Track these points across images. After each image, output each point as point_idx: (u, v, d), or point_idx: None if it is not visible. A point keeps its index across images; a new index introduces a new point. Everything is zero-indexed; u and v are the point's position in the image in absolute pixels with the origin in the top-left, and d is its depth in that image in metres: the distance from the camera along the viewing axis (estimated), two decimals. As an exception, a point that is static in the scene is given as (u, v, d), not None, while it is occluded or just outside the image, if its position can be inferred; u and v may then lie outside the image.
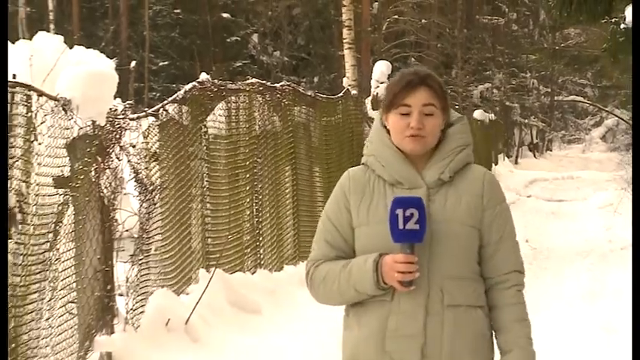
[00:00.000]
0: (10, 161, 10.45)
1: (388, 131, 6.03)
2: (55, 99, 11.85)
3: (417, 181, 5.94)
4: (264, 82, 21.52)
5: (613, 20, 23.12)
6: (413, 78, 6.00)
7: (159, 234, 15.08)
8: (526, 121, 70.06)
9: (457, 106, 50.32)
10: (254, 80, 20.87)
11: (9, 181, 10.42)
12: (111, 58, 13.53)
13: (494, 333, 6.01)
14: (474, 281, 5.93)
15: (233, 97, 18.53)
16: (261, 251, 19.34)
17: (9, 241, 10.46)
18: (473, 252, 5.93)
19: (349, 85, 32.60)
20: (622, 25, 22.72)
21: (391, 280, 5.75)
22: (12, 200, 10.51)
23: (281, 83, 23.19)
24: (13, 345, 10.49)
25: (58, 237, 11.77)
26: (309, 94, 24.83)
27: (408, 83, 5.97)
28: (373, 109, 27.55)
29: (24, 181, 10.85)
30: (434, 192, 5.93)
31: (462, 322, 5.85)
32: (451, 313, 5.83)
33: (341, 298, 6.00)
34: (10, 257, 10.52)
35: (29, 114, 10.98)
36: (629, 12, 22.42)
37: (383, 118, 6.07)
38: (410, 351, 5.81)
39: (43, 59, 12.97)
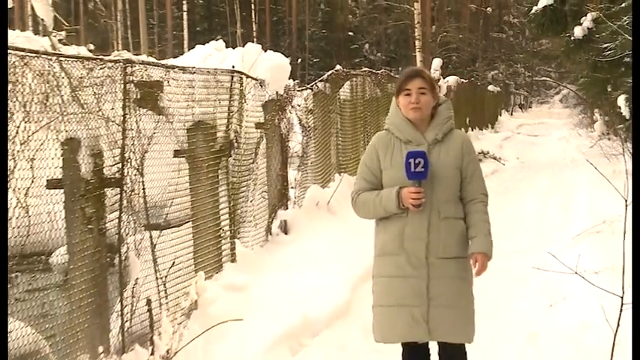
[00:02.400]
0: (228, 113, 10.43)
1: (399, 108, 5.91)
2: (255, 79, 11.87)
3: (421, 140, 5.81)
4: (371, 70, 21.49)
5: (567, 35, 22.66)
6: (411, 73, 5.94)
7: (312, 154, 15.10)
8: (517, 91, 69.74)
9: (479, 83, 49.91)
10: (365, 69, 20.86)
11: (228, 125, 10.40)
12: (287, 57, 13.49)
13: (466, 227, 5.87)
14: (457, 203, 5.81)
15: (354, 79, 18.42)
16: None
17: (229, 158, 10.46)
18: (457, 184, 5.80)
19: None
20: (572, 37, 22.29)
21: (407, 204, 5.65)
22: (232, 135, 10.49)
23: (380, 71, 23.07)
24: (232, 215, 10.50)
25: (257, 156, 11.77)
26: (396, 76, 24.74)
27: (409, 76, 5.88)
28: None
29: (239, 125, 10.83)
30: (432, 147, 5.79)
31: (451, 228, 5.74)
32: (444, 222, 5.72)
33: (374, 214, 5.89)
34: (231, 166, 10.52)
35: (241, 87, 10.95)
36: (577, 30, 21.97)
37: (396, 100, 5.95)
38: (419, 248, 5.70)
39: (250, 57, 12.96)
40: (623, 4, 18.03)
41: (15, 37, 23.91)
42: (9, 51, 5.62)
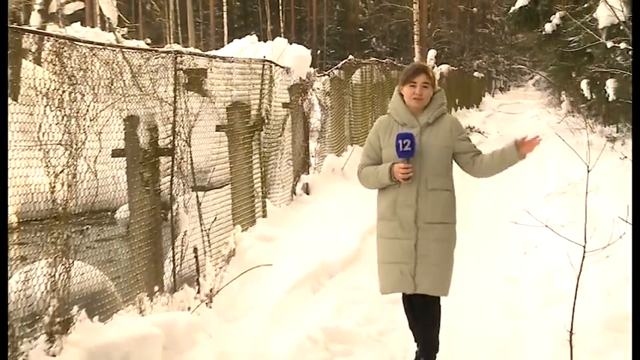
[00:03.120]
0: (260, 95, 10.37)
1: (401, 96, 5.80)
2: (282, 67, 11.79)
3: (415, 123, 5.70)
4: (378, 60, 21.36)
5: (539, 30, 22.56)
6: (418, 68, 5.82)
7: (329, 128, 15.01)
8: (498, 77, 69.21)
9: (466, 70, 49.52)
10: (373, 59, 20.73)
11: (260, 105, 10.35)
12: (308, 49, 13.42)
13: (489, 160, 5.83)
14: (444, 176, 5.70)
15: (364, 67, 18.31)
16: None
17: (261, 132, 10.40)
18: (445, 160, 5.70)
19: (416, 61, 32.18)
20: (543, 32, 22.21)
21: (398, 178, 5.59)
22: (263, 113, 10.44)
23: (385, 60, 22.94)
24: (263, 178, 10.48)
25: (284, 130, 11.72)
26: (398, 65, 24.55)
27: (415, 70, 5.77)
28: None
29: (269, 105, 10.77)
30: (424, 129, 5.69)
31: (437, 198, 5.65)
32: (431, 193, 5.63)
33: (374, 185, 5.80)
34: (262, 138, 10.47)
35: (271, 74, 10.88)
36: (547, 26, 21.87)
37: (399, 88, 5.83)
38: (409, 214, 5.62)
39: (278, 49, 12.91)
40: (586, 5, 17.91)
41: (85, 32, 23.78)
42: (80, 44, 5.61)
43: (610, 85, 17.12)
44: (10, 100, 4.86)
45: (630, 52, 14.81)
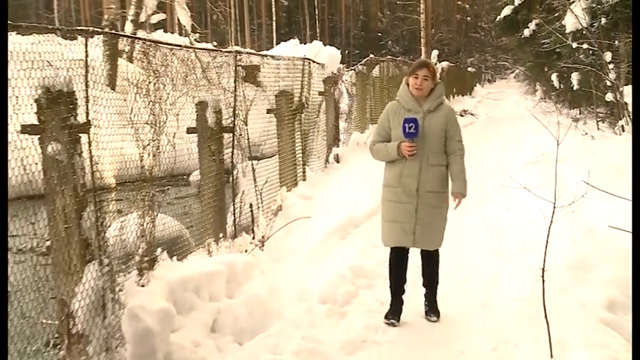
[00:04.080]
0: (301, 85, 10.27)
1: (408, 85, 5.57)
2: (318, 63, 11.68)
3: (418, 109, 5.49)
4: (393, 58, 21.15)
5: (519, 34, 22.28)
6: (421, 63, 5.60)
7: (355, 111, 14.88)
8: (486, 71, 68.24)
9: (462, 66, 48.84)
10: (389, 57, 20.51)
11: (301, 93, 10.26)
12: (338, 50, 13.30)
13: (449, 173, 5.56)
14: (442, 154, 5.49)
15: (382, 63, 18.14)
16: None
17: (302, 114, 10.31)
18: (442, 141, 5.47)
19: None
20: (522, 36, 21.93)
21: (404, 154, 5.42)
22: (303, 99, 10.34)
23: (398, 58, 22.70)
24: (303, 150, 10.39)
25: (319, 113, 11.63)
26: (408, 62, 24.26)
27: (418, 65, 5.56)
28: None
29: (308, 93, 10.67)
30: (425, 115, 5.48)
31: (435, 172, 5.46)
32: (431, 168, 5.46)
33: (384, 158, 5.60)
34: (303, 119, 10.38)
35: (309, 69, 10.78)
36: (525, 31, 21.59)
37: (406, 79, 5.62)
38: (412, 183, 5.45)
39: (315, 50, 12.79)
40: (556, 14, 17.65)
41: (166, 37, 23.77)
42: (162, 45, 5.60)
43: (574, 77, 16.92)
44: (108, 89, 4.88)
45: (592, 52, 14.57)
